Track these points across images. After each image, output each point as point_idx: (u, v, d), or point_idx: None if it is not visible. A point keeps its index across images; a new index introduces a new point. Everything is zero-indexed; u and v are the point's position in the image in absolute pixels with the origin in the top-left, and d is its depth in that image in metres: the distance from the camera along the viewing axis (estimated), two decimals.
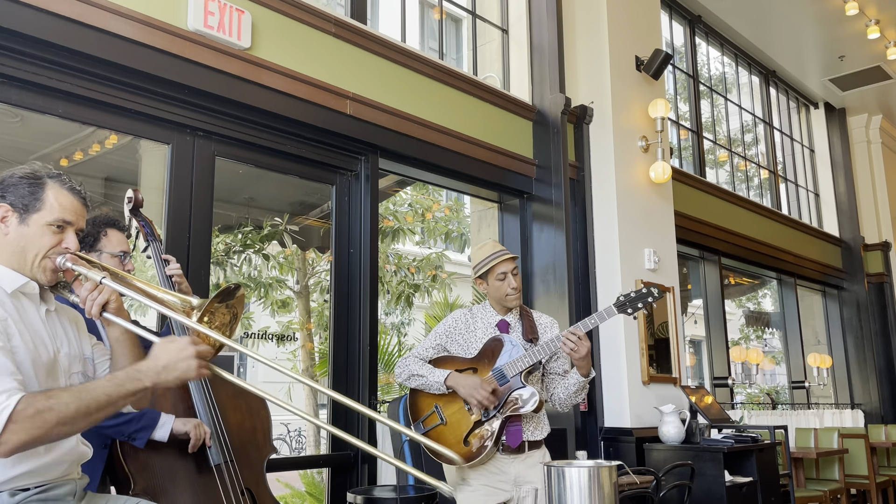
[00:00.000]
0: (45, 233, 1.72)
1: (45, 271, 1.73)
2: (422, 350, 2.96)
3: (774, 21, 7.60)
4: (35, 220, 1.72)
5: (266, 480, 2.59)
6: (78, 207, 1.78)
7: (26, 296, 1.74)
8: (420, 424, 2.86)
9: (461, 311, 3.03)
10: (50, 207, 1.73)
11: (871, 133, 9.66)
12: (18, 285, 1.70)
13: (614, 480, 1.92)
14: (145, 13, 3.28)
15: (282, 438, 11.07)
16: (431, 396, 2.86)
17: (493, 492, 2.75)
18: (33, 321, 1.71)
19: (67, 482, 1.74)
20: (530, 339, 2.89)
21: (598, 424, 5.01)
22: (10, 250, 1.72)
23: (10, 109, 3.17)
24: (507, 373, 2.77)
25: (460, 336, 2.96)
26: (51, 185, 1.76)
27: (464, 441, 2.75)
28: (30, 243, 1.72)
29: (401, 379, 2.93)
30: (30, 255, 1.72)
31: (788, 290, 8.40)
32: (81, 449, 1.80)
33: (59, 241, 1.74)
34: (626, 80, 5.53)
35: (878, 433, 7.42)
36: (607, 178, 5.27)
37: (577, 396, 2.88)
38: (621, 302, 2.87)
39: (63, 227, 1.75)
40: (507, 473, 2.77)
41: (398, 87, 4.37)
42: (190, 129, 3.53)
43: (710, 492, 4.38)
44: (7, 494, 1.61)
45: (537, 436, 2.85)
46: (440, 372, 2.82)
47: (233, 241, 6.69)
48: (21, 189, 1.73)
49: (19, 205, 1.72)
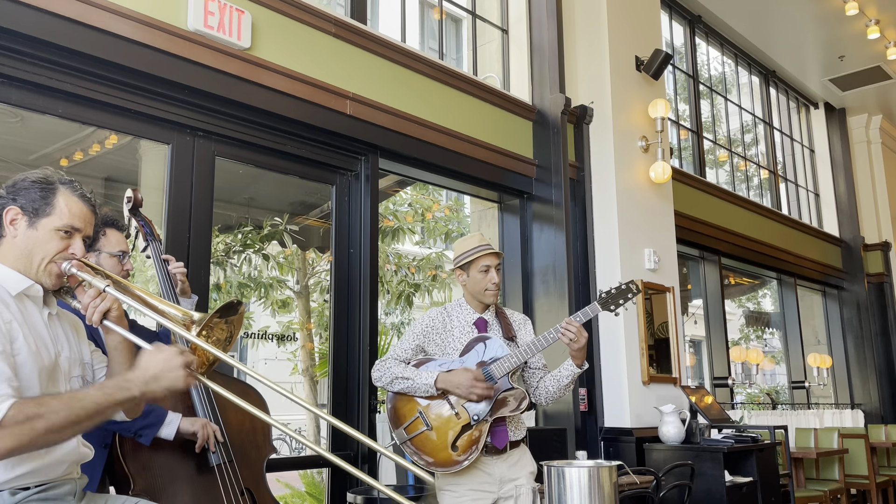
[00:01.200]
0: (52, 238, 1.74)
1: (50, 276, 1.75)
2: (399, 351, 2.84)
3: (774, 21, 7.60)
4: (44, 224, 1.74)
5: (266, 480, 2.59)
6: (87, 215, 1.80)
7: (30, 298, 1.75)
8: (403, 431, 2.73)
9: (436, 310, 2.92)
10: (59, 213, 1.75)
11: (871, 133, 9.66)
12: (23, 288, 1.72)
13: (614, 480, 1.92)
14: (145, 13, 3.28)
15: (282, 438, 11.07)
16: (414, 401, 2.75)
17: (479, 495, 2.70)
18: (36, 324, 1.73)
19: (67, 482, 1.74)
20: (509, 337, 2.85)
21: (598, 424, 5.01)
22: (18, 253, 1.73)
23: (10, 109, 3.17)
24: (495, 373, 2.70)
25: (437, 336, 2.86)
26: (62, 191, 1.77)
27: (451, 446, 2.66)
28: (37, 247, 1.73)
29: (381, 383, 2.80)
30: (36, 259, 1.73)
31: (788, 290, 8.41)
32: (82, 450, 1.80)
33: (66, 247, 1.75)
34: (626, 81, 5.53)
35: (878, 433, 7.42)
36: (607, 178, 5.27)
37: (567, 389, 2.83)
38: (604, 299, 2.86)
39: (71, 232, 1.76)
40: (491, 475, 2.72)
41: (398, 87, 4.37)
42: (190, 129, 3.53)
43: (710, 492, 4.38)
44: (7, 493, 1.61)
45: (518, 435, 2.82)
46: (427, 373, 2.72)
47: (233, 241, 6.68)
48: (33, 193, 1.75)
49: (29, 208, 1.74)
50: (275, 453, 2.68)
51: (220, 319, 1.78)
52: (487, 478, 2.72)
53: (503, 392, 2.72)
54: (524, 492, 2.73)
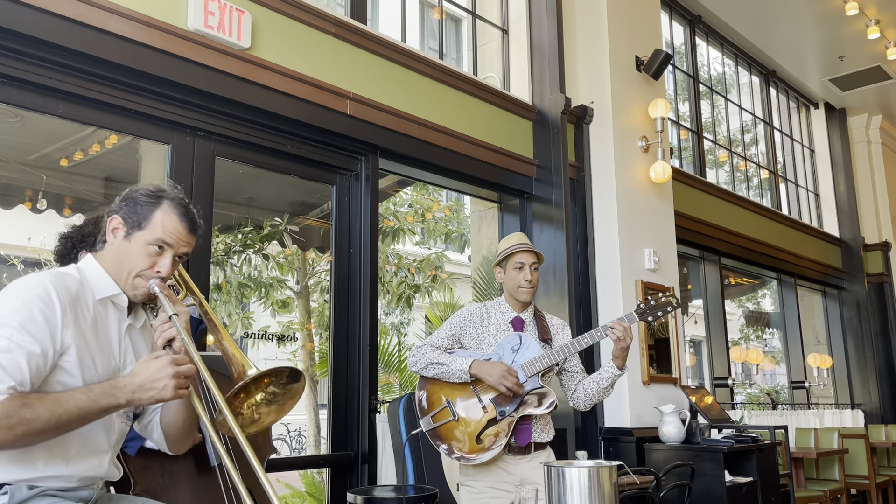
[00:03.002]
0: (143, 252, 1.74)
1: (135, 290, 1.76)
2: (437, 339, 2.90)
3: (774, 21, 7.60)
4: (138, 237, 1.75)
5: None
6: (182, 232, 1.78)
7: (115, 306, 1.76)
8: (430, 419, 2.79)
9: (475, 306, 3.00)
10: (153, 227, 1.75)
11: (871, 133, 9.66)
12: (110, 294, 1.74)
13: (614, 480, 1.92)
14: (145, 13, 3.28)
15: (282, 438, 11.08)
16: (444, 390, 2.81)
17: (498, 493, 2.73)
18: (109, 331, 1.74)
19: (87, 488, 1.74)
20: (545, 339, 2.88)
21: (599, 424, 5.01)
22: (111, 261, 1.76)
23: (10, 109, 3.17)
24: (526, 372, 2.74)
25: (474, 330, 2.92)
26: (165, 206, 1.77)
27: (476, 439, 2.72)
28: (126, 259, 1.75)
29: (416, 368, 2.86)
30: (125, 271, 1.75)
31: (788, 290, 8.40)
32: (111, 470, 1.80)
33: (153, 263, 1.75)
34: (626, 80, 5.53)
35: (878, 433, 7.42)
36: (607, 178, 5.27)
37: (607, 392, 2.87)
38: (642, 310, 2.90)
39: (162, 248, 1.75)
40: (512, 474, 2.75)
41: (398, 87, 4.37)
42: (190, 129, 3.53)
43: (710, 492, 4.38)
44: (26, 486, 1.61)
45: (544, 438, 2.84)
46: (463, 360, 2.77)
47: (233, 241, 6.69)
48: (139, 206, 1.76)
49: (130, 220, 1.75)
50: (275, 453, 2.68)
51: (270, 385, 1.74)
52: (508, 476, 2.75)
53: (532, 391, 2.75)
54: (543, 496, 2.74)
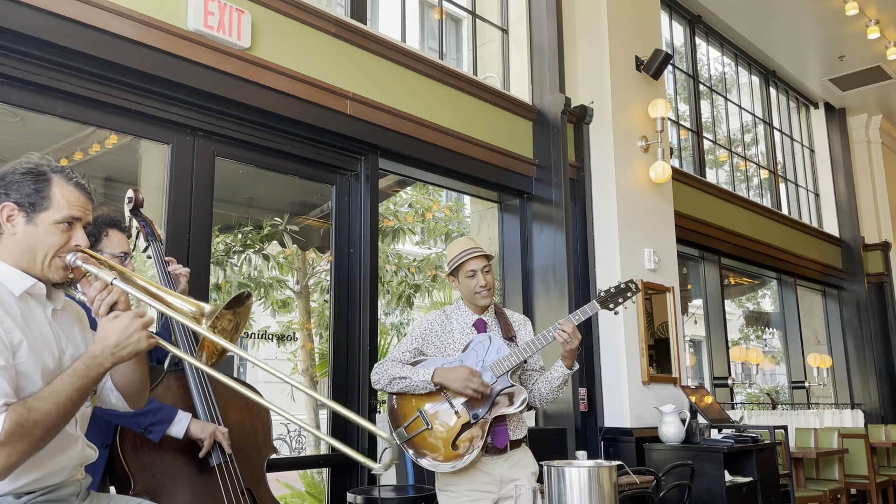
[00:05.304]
0: (53, 231, 1.68)
1: (56, 270, 1.69)
2: (398, 354, 2.86)
3: (774, 21, 7.60)
4: (43, 218, 1.67)
5: (266, 480, 2.59)
6: (84, 202, 1.74)
7: (33, 297, 1.70)
8: (403, 431, 2.75)
9: (435, 313, 2.95)
10: (58, 205, 1.69)
11: (871, 133, 9.66)
12: (27, 287, 1.67)
13: (614, 480, 1.92)
14: (145, 13, 3.28)
15: (282, 438, 11.07)
16: (414, 400, 2.78)
17: (479, 495, 2.70)
18: (40, 324, 1.68)
19: (72, 483, 1.73)
20: (509, 337, 2.86)
21: (598, 424, 5.01)
22: (19, 250, 1.67)
23: (10, 109, 3.17)
24: (495, 372, 2.73)
25: (436, 338, 2.88)
26: (56, 180, 1.71)
27: (452, 445, 2.68)
28: (39, 243, 1.67)
29: (380, 385, 2.82)
30: (39, 255, 1.67)
31: (788, 290, 8.41)
32: (87, 452, 1.78)
33: (68, 239, 1.70)
34: (626, 80, 5.53)
35: (878, 433, 7.42)
36: (607, 178, 5.27)
37: (559, 390, 2.85)
38: (602, 298, 2.89)
39: (72, 223, 1.71)
40: (491, 475, 2.73)
41: (398, 87, 4.37)
42: (190, 129, 3.53)
43: (710, 492, 4.38)
44: (12, 497, 1.60)
45: (518, 435, 2.83)
46: (425, 370, 2.74)
47: (233, 241, 6.68)
48: (26, 186, 1.68)
49: (25, 203, 1.67)
50: (275, 453, 2.68)
51: (228, 311, 1.74)
52: (487, 478, 2.73)
53: (502, 390, 2.73)
54: (524, 492, 2.73)
